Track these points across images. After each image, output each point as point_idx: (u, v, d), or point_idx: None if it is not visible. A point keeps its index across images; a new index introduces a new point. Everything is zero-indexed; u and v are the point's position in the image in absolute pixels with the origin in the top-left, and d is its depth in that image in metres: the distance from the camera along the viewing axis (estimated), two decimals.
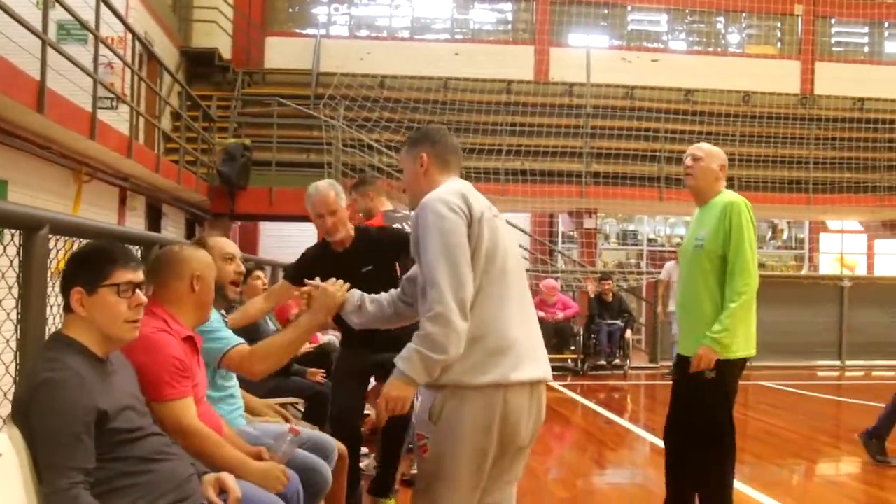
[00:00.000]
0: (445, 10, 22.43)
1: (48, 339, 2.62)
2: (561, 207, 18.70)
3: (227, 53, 19.59)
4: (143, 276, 2.65)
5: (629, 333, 13.44)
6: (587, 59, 20.08)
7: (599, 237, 20.51)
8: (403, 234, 4.65)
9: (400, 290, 3.37)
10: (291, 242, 4.50)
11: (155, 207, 13.76)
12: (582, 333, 13.42)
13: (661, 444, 4.72)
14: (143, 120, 12.36)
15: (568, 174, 17.57)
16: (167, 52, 16.53)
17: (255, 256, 11.16)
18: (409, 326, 3.20)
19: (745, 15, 23.04)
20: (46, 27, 7.97)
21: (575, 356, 13.37)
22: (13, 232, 2.86)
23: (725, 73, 21.41)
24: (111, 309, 2.53)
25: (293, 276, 4.66)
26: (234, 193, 14.48)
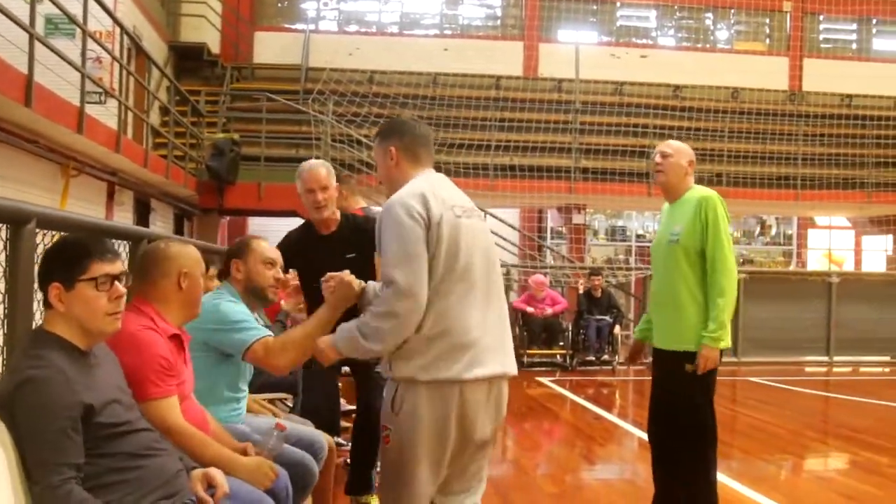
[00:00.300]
0: (434, 5, 22.39)
1: (31, 335, 2.60)
2: (550, 203, 18.73)
3: (215, 48, 19.50)
4: (120, 266, 2.62)
5: (618, 329, 13.48)
6: (576, 54, 20.09)
7: (588, 233, 20.54)
8: None
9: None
10: (280, 237, 4.49)
11: (143, 202, 13.72)
12: (571, 329, 13.44)
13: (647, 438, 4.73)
14: (131, 115, 12.30)
15: (557, 170, 17.60)
16: (156, 46, 16.45)
17: None
18: None
19: (733, 11, 23.07)
20: (34, 21, 7.91)
21: (564, 352, 13.38)
22: (0, 226, 2.84)
23: (714, 69, 21.43)
24: (91, 303, 2.51)
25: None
26: (222, 188, 14.45)
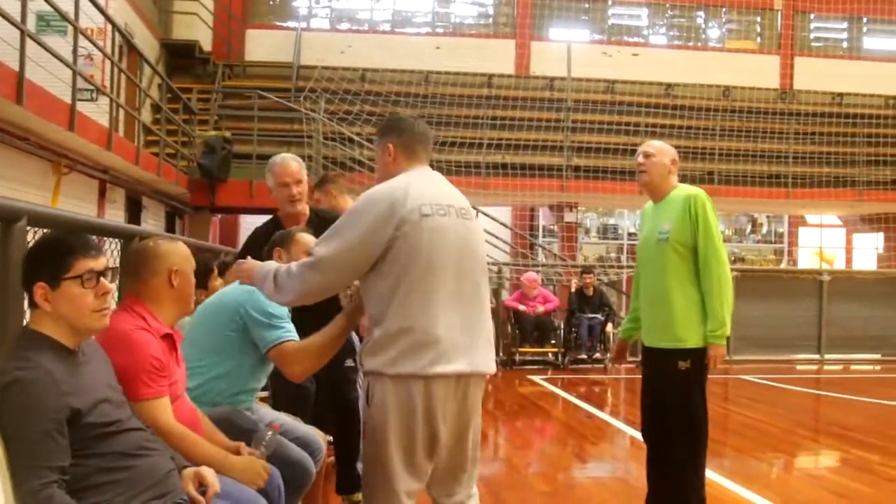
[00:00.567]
0: (426, 3, 22.38)
1: (18, 335, 2.57)
2: (542, 201, 18.75)
3: (207, 46, 19.47)
4: (104, 262, 2.60)
5: (610, 327, 13.46)
6: (568, 53, 20.13)
7: (580, 231, 20.58)
8: None
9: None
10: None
11: (135, 200, 13.69)
12: (562, 327, 13.45)
13: (641, 437, 4.74)
14: (122, 112, 12.28)
15: (549, 168, 17.63)
16: (147, 44, 16.42)
17: (235, 250, 11.08)
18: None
19: (724, 10, 23.13)
20: (25, 18, 7.88)
21: (555, 350, 13.39)
22: None
23: (705, 67, 21.49)
24: (77, 301, 2.49)
25: (246, 257, 4.56)
26: (214, 186, 14.41)
